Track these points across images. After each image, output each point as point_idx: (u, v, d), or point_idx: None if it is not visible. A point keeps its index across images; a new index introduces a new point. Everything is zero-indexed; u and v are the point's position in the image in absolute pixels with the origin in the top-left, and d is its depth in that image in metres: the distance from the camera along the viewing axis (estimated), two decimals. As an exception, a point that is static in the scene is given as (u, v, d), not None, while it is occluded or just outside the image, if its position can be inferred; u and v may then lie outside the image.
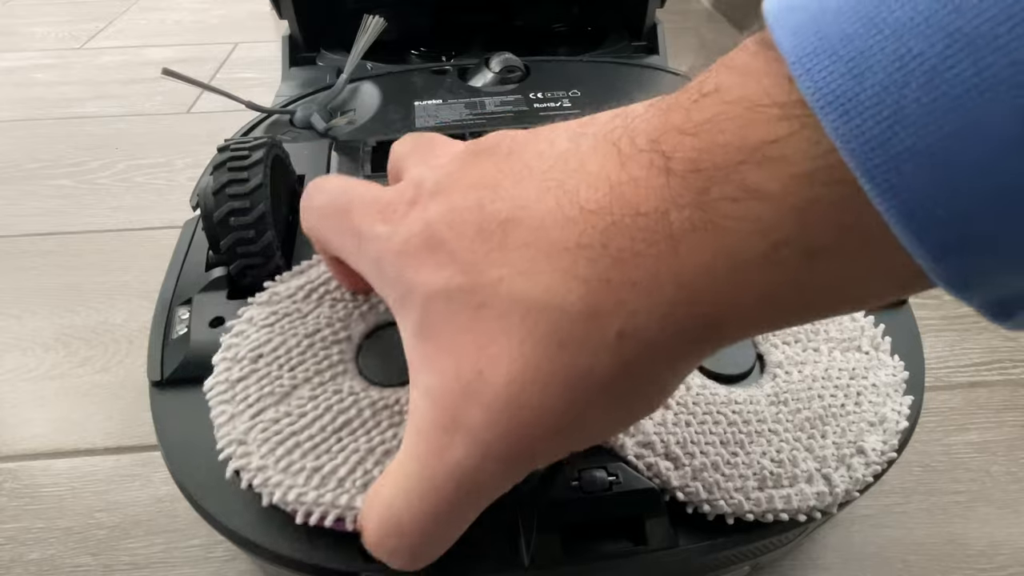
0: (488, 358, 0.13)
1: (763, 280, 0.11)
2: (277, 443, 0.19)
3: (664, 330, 0.12)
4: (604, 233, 0.12)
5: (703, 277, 0.11)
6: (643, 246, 0.11)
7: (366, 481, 0.18)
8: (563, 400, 0.12)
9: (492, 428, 0.13)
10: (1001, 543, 0.27)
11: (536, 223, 0.12)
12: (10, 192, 0.49)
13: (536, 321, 0.12)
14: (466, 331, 0.13)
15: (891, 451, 0.21)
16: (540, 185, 0.13)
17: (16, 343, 0.36)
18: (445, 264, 0.13)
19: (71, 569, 0.27)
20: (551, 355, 0.12)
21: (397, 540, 0.14)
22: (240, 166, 0.24)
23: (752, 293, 0.11)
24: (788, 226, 0.10)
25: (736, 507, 0.19)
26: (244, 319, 0.23)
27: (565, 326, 0.12)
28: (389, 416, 0.20)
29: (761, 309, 0.11)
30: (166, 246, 0.28)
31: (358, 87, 0.40)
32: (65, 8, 0.87)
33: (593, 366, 0.12)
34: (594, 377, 0.12)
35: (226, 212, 0.24)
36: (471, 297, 0.13)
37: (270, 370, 0.21)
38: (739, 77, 0.11)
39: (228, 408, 0.20)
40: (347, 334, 0.22)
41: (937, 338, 0.36)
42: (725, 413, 0.21)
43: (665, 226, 0.11)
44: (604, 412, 0.13)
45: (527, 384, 0.12)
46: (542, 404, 0.12)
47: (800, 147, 0.10)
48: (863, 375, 0.22)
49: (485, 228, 0.13)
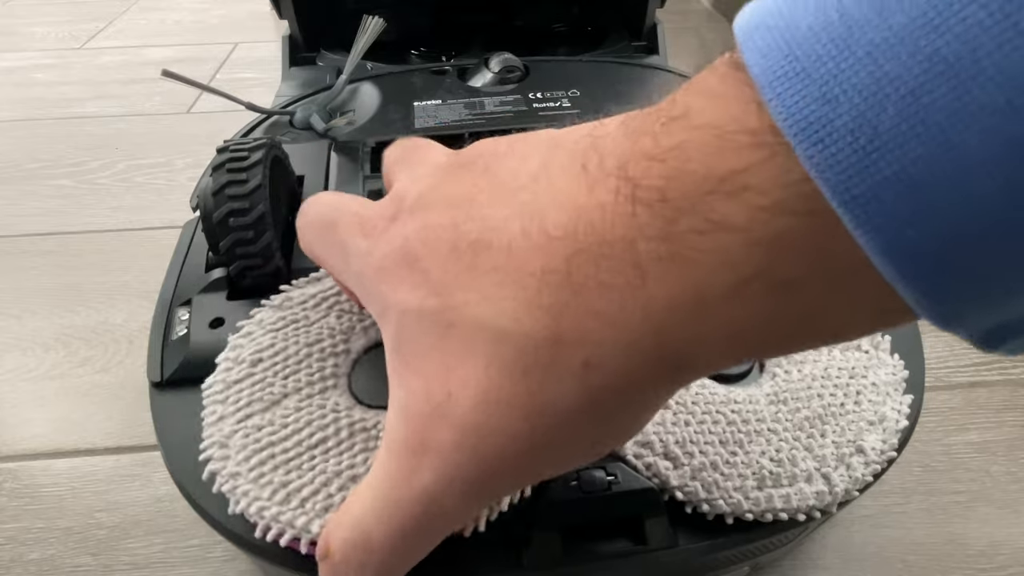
0: (457, 380, 0.12)
1: (732, 315, 0.11)
2: (254, 451, 0.19)
3: (630, 360, 0.11)
4: (569, 261, 0.11)
5: (670, 310, 0.11)
6: (608, 276, 0.11)
7: (327, 505, 0.18)
8: (528, 426, 0.12)
9: (460, 451, 0.13)
10: (1001, 543, 0.27)
11: (504, 246, 0.12)
12: (10, 192, 0.49)
13: (501, 347, 0.12)
14: (436, 351, 0.13)
15: (891, 450, 0.21)
16: (510, 206, 0.13)
17: (16, 343, 0.36)
18: (419, 284, 0.13)
19: (71, 569, 0.27)
20: (515, 381, 0.12)
21: (366, 556, 0.14)
22: (239, 167, 0.24)
23: (721, 327, 0.11)
24: (757, 259, 0.10)
25: (735, 507, 0.19)
26: (254, 321, 0.23)
27: (530, 353, 0.12)
28: (364, 440, 0.20)
29: (731, 343, 0.11)
30: (166, 246, 0.28)
31: (358, 87, 0.40)
32: (65, 8, 0.87)
33: (558, 394, 0.12)
34: (560, 405, 0.12)
35: (225, 213, 0.24)
36: (440, 317, 0.13)
37: (265, 376, 0.21)
38: (707, 101, 0.10)
39: (219, 409, 0.21)
40: (346, 347, 0.23)
41: (937, 338, 0.36)
42: (724, 412, 0.21)
43: (632, 256, 0.11)
44: (573, 439, 0.13)
45: (492, 409, 0.12)
46: (507, 429, 0.12)
47: (770, 176, 0.10)
48: (863, 374, 0.22)
49: (457, 248, 0.13)
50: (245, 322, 0.23)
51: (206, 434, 0.20)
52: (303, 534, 0.18)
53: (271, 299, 0.24)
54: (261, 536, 0.18)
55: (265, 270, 0.25)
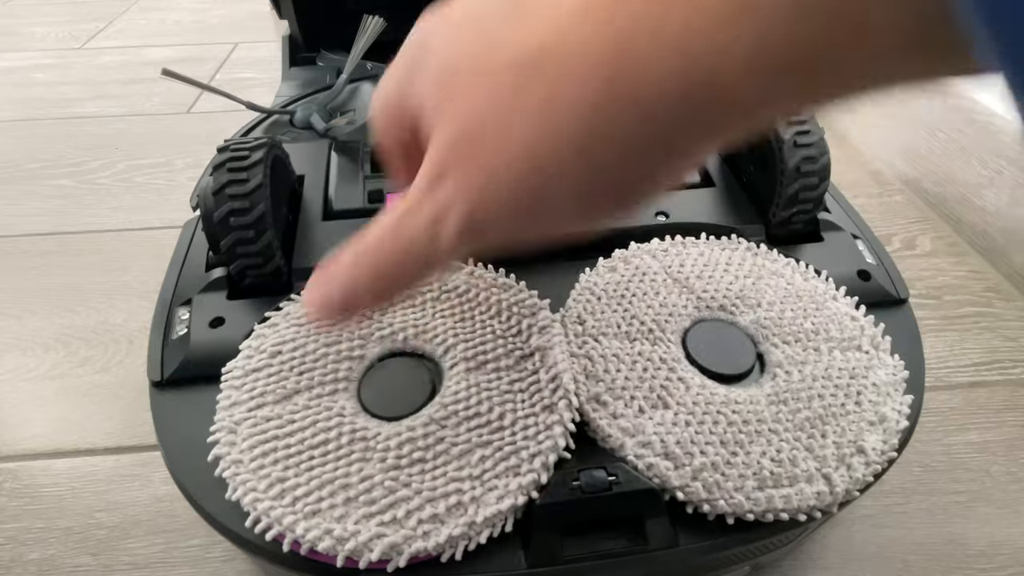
0: (492, 110, 0.13)
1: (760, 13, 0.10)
2: (259, 441, 0.20)
3: (677, 86, 0.11)
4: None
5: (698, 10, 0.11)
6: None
7: (315, 509, 0.18)
8: (575, 147, 0.12)
9: (480, 177, 0.13)
10: (1001, 543, 0.27)
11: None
12: (10, 192, 0.49)
13: (550, 68, 0.12)
14: (477, 84, 0.13)
15: (891, 450, 0.21)
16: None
17: (16, 343, 0.36)
18: (469, 33, 0.14)
19: (71, 569, 0.27)
20: (571, 103, 0.12)
21: (351, 271, 0.15)
22: (240, 167, 0.24)
23: (749, 31, 0.11)
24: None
25: (736, 507, 0.19)
26: (281, 313, 0.24)
27: (578, 71, 0.12)
28: (362, 450, 0.20)
29: (759, 52, 0.11)
30: (166, 246, 0.28)
31: (358, 87, 0.40)
32: (65, 8, 0.87)
33: (610, 115, 0.12)
34: (612, 127, 0.12)
35: (226, 212, 0.24)
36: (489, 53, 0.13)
37: (281, 369, 0.22)
38: None
39: (234, 395, 0.21)
40: (362, 352, 0.23)
41: (937, 338, 0.36)
42: (725, 413, 0.21)
43: None
44: (624, 164, 0.13)
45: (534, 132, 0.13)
46: (555, 147, 0.13)
47: None
48: (863, 374, 0.22)
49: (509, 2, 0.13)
50: (272, 312, 0.24)
51: (218, 417, 0.21)
52: (288, 532, 0.18)
53: (301, 294, 0.24)
54: (251, 527, 0.18)
55: (265, 269, 0.25)
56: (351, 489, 0.19)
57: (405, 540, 0.18)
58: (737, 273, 0.26)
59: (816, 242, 0.28)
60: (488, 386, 0.22)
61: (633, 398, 0.21)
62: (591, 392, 0.21)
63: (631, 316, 0.24)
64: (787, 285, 0.25)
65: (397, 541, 0.18)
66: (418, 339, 0.23)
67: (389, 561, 0.18)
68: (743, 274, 0.26)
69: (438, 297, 0.25)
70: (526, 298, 0.24)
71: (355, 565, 0.18)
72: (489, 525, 0.19)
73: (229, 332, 0.24)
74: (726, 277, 0.26)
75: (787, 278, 0.26)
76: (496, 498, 0.19)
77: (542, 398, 0.21)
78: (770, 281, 0.26)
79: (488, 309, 0.24)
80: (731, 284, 0.25)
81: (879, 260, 0.28)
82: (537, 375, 0.22)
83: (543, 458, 0.19)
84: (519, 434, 0.20)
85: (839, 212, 0.30)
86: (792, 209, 0.27)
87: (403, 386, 0.22)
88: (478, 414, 0.21)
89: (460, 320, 0.24)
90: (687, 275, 0.26)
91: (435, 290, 0.25)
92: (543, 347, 0.22)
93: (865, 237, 0.29)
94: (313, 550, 0.18)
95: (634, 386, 0.22)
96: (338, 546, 0.18)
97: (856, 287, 0.26)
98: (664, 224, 0.28)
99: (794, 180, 0.27)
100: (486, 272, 0.26)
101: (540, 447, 0.20)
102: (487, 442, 0.20)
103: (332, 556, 0.18)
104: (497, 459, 0.20)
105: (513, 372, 0.22)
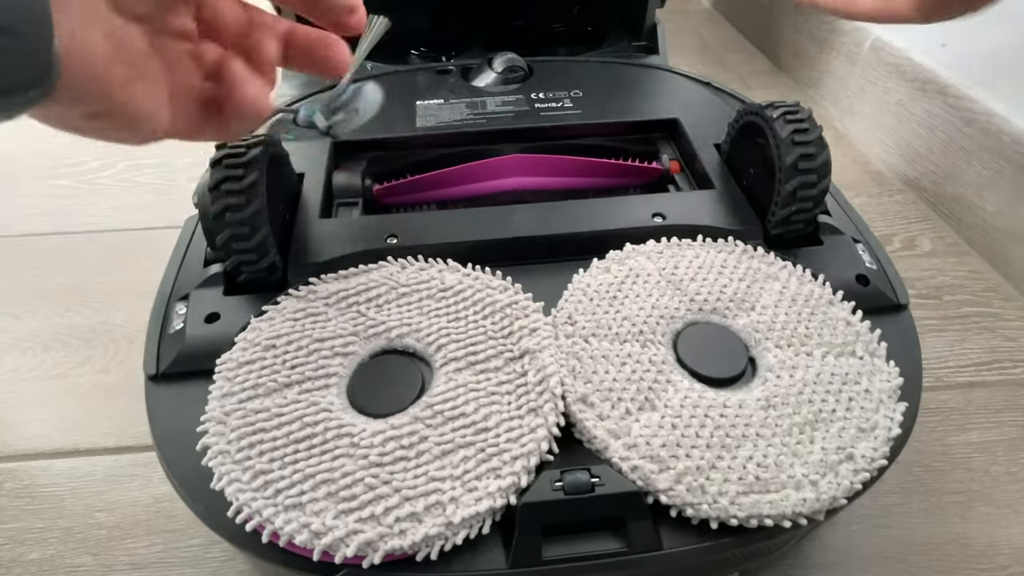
0: None
1: None
2: (246, 433, 0.20)
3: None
4: None
5: None
6: None
7: (295, 503, 0.19)
8: None
9: None
10: (1001, 543, 0.27)
11: None
12: (10, 192, 0.49)
13: None
14: None
15: (881, 458, 0.20)
16: None
17: (16, 343, 0.36)
18: None
19: (71, 569, 0.27)
20: None
21: None
22: (236, 163, 0.25)
23: None
24: None
25: (720, 511, 0.19)
26: (278, 307, 0.24)
27: None
28: (346, 446, 0.20)
29: None
30: (166, 246, 0.28)
31: (361, 86, 0.40)
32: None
33: None
34: None
35: (221, 208, 0.24)
36: None
37: (274, 362, 0.22)
38: None
39: (226, 386, 0.21)
40: (354, 349, 0.23)
41: (937, 338, 0.36)
42: (712, 416, 0.21)
43: None
44: None
45: None
46: None
47: None
48: (856, 381, 0.22)
49: None
50: (268, 306, 0.24)
51: (209, 407, 0.21)
52: (267, 524, 0.18)
53: (298, 289, 0.25)
54: (233, 516, 0.19)
55: (260, 265, 0.25)
56: (332, 484, 0.19)
57: (381, 537, 0.18)
58: (732, 276, 0.26)
59: (815, 245, 0.28)
60: (476, 387, 0.22)
61: (620, 400, 0.21)
62: (578, 393, 0.21)
63: (622, 317, 0.24)
64: (783, 289, 0.25)
65: (373, 538, 0.18)
66: (410, 337, 0.23)
67: (364, 557, 0.18)
68: (738, 277, 0.26)
69: (433, 296, 0.25)
70: (520, 300, 0.24)
71: (331, 560, 0.18)
72: (466, 526, 0.19)
73: (224, 327, 0.24)
74: (721, 280, 0.26)
75: (783, 282, 0.26)
76: (475, 499, 0.19)
77: (528, 400, 0.21)
78: (765, 285, 0.25)
79: (482, 309, 0.24)
80: (725, 287, 0.25)
81: (879, 264, 0.27)
82: (525, 377, 0.22)
83: (525, 461, 0.19)
84: (503, 436, 0.20)
85: (839, 214, 0.30)
86: (791, 207, 0.27)
87: (392, 384, 0.22)
88: (463, 414, 0.21)
89: (453, 320, 0.24)
90: (681, 277, 0.26)
91: (431, 289, 0.25)
92: (533, 349, 0.22)
93: (866, 241, 0.29)
94: (291, 543, 0.18)
95: (621, 388, 0.22)
96: (315, 540, 0.18)
97: (855, 292, 0.26)
98: (661, 226, 0.28)
99: (792, 177, 0.26)
100: (482, 273, 0.26)
101: (523, 450, 0.20)
102: (470, 443, 0.20)
103: (309, 550, 0.18)
104: (479, 460, 0.20)
105: (502, 373, 0.22)
